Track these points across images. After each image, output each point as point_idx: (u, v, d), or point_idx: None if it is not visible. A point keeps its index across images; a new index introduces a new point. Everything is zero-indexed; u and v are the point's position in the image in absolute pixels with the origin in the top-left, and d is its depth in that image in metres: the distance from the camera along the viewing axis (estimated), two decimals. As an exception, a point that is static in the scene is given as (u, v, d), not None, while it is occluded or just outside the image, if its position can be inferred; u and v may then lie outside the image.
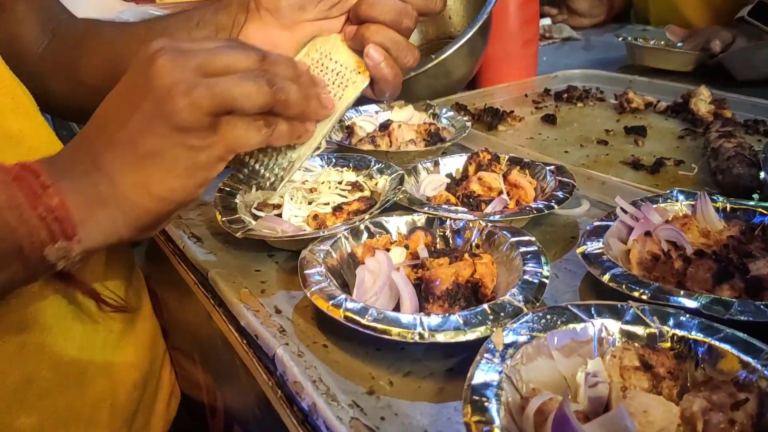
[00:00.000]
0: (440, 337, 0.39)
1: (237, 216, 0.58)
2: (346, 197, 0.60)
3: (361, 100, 0.85)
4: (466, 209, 0.57)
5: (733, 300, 0.40)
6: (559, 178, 0.61)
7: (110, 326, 0.59)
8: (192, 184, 0.42)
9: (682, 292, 0.42)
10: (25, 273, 0.40)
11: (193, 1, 0.89)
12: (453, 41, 0.87)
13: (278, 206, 0.60)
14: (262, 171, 0.48)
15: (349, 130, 0.80)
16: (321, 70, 0.51)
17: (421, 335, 0.39)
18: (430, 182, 0.65)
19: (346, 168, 0.67)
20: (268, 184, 0.49)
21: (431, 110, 0.85)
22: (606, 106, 0.97)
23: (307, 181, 0.64)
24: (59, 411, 0.52)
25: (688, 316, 0.38)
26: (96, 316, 0.56)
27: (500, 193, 0.60)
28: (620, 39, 1.21)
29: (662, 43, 1.19)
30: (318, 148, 0.49)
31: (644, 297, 0.42)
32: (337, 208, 0.58)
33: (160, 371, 0.67)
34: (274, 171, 0.48)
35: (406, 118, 0.83)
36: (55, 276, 0.47)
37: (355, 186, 0.62)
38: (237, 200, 0.61)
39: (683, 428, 0.33)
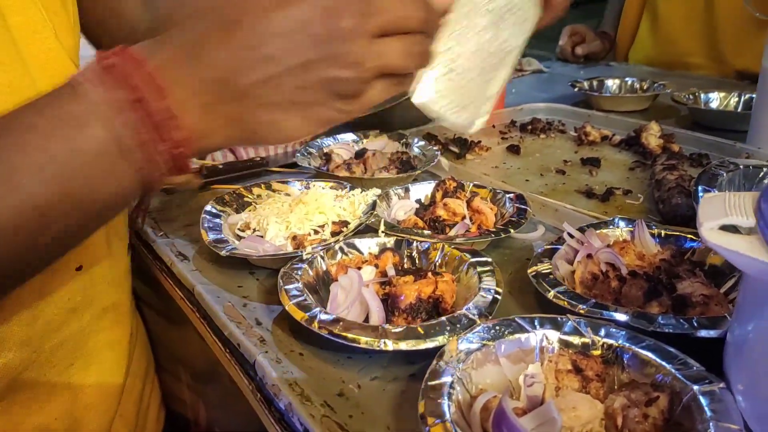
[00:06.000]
0: (403, 345, 0.45)
1: (221, 236, 0.62)
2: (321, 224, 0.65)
3: (338, 129, 0.90)
4: (431, 232, 0.62)
5: (658, 315, 0.47)
6: (517, 205, 0.67)
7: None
8: (319, 130, 0.41)
9: (615, 308, 0.48)
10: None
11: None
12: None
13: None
14: (454, 119, 0.49)
15: (327, 157, 0.85)
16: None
17: (386, 344, 0.45)
18: (401, 207, 0.71)
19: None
20: (465, 125, 0.50)
21: (404, 140, 0.91)
22: (566, 138, 1.04)
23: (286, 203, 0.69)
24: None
25: (617, 328, 0.44)
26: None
27: (463, 218, 0.66)
28: (576, 89, 1.26)
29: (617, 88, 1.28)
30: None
31: (582, 311, 0.48)
32: (314, 231, 0.63)
33: (153, 381, 0.71)
34: (470, 109, 0.50)
35: (380, 147, 0.89)
36: None
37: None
38: (221, 221, 0.66)
39: (606, 422, 0.39)
